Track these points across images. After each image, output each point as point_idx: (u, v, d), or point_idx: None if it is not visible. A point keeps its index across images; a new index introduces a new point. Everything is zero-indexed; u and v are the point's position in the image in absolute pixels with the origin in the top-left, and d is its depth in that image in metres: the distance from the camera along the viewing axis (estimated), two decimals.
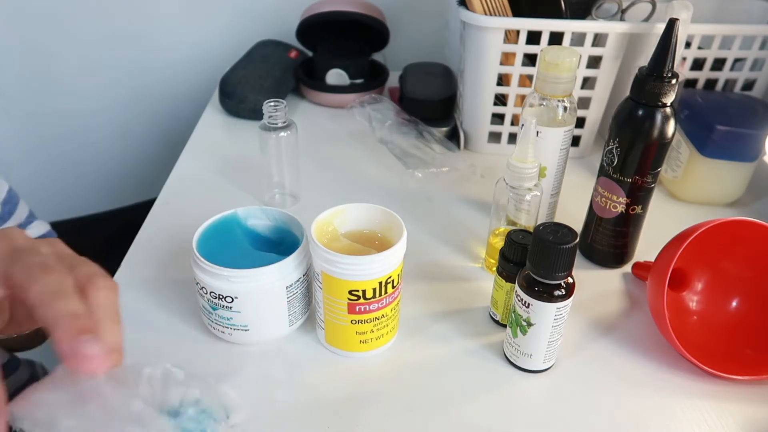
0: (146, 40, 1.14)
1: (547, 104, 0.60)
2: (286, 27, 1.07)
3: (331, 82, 0.97)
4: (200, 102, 1.10)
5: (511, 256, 0.52)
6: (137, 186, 1.28)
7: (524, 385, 0.50)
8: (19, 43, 1.12)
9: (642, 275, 0.61)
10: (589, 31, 0.74)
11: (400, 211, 0.52)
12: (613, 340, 0.55)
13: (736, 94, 0.81)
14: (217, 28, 1.14)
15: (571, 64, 0.58)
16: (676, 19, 0.51)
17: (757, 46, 0.78)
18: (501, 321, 0.55)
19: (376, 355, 0.52)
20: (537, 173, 0.56)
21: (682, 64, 0.79)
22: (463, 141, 0.86)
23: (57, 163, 1.25)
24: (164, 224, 0.69)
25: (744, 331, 0.54)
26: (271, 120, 0.67)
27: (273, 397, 0.48)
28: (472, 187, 0.77)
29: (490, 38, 0.75)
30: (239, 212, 0.55)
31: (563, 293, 0.46)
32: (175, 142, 1.09)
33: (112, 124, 1.23)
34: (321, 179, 0.78)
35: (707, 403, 0.49)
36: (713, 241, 0.52)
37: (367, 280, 0.47)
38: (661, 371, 0.52)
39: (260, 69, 0.95)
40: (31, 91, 1.17)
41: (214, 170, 0.80)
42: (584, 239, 0.64)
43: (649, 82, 0.53)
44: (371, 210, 0.52)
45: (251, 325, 0.51)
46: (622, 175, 0.57)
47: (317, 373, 0.51)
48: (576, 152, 0.85)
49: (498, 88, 0.80)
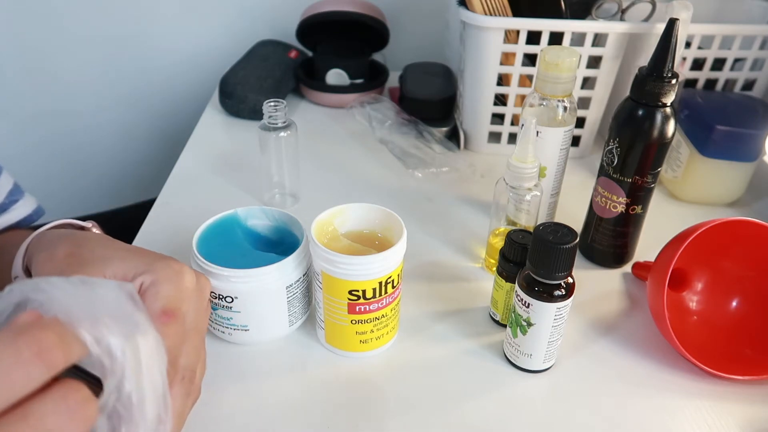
0: (146, 40, 1.14)
1: (547, 104, 0.60)
2: (286, 27, 1.08)
3: (331, 82, 0.97)
4: (200, 102, 1.10)
5: (511, 256, 0.52)
6: (137, 186, 1.28)
7: (524, 385, 0.50)
8: (18, 43, 1.12)
9: (642, 275, 0.61)
10: (589, 31, 0.74)
11: (400, 211, 0.52)
12: (613, 340, 0.55)
13: (736, 94, 0.81)
14: (217, 28, 1.14)
15: (571, 64, 0.58)
16: (676, 19, 0.51)
17: (757, 46, 0.78)
18: (501, 321, 0.55)
19: (376, 355, 0.52)
20: (537, 173, 0.56)
21: (682, 64, 0.79)
22: (463, 141, 0.86)
23: (56, 162, 1.25)
24: (164, 224, 0.69)
25: (744, 331, 0.54)
26: (271, 120, 0.67)
27: (273, 398, 0.48)
28: (472, 187, 0.77)
29: (490, 38, 0.75)
30: (239, 212, 0.55)
31: (563, 293, 0.46)
32: (175, 142, 1.09)
33: (112, 123, 1.23)
34: (321, 179, 0.78)
35: (707, 403, 0.49)
36: (713, 241, 0.52)
37: (367, 280, 0.47)
38: (661, 371, 0.52)
39: (260, 69, 0.95)
40: (31, 91, 1.17)
41: (214, 170, 0.80)
42: (584, 239, 0.64)
43: (649, 82, 0.53)
44: (371, 210, 0.52)
45: (251, 325, 0.51)
46: (622, 175, 0.57)
47: (317, 373, 0.51)
48: (576, 152, 0.85)
49: (498, 88, 0.80)
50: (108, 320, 0.29)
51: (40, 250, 0.41)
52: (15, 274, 0.43)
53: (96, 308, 0.30)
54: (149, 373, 0.30)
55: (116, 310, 0.31)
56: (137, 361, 0.30)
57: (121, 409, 0.29)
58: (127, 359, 0.29)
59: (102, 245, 0.41)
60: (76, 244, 0.40)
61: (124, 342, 0.29)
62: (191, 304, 0.38)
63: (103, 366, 0.29)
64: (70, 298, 0.30)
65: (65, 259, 0.39)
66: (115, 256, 0.39)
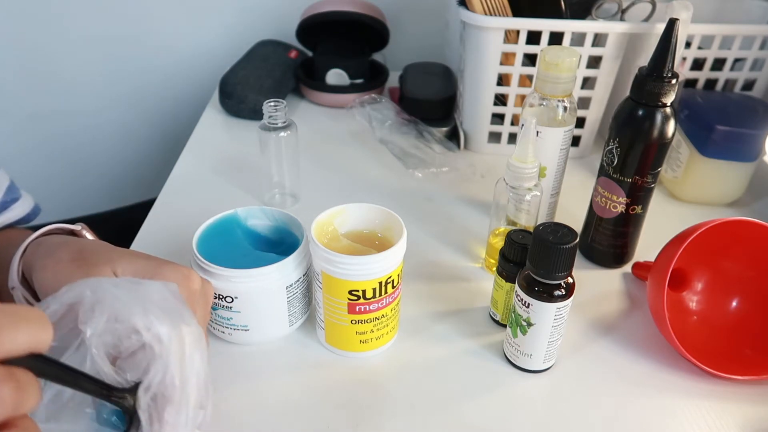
0: (146, 40, 1.14)
1: (547, 104, 0.60)
2: (286, 27, 1.08)
3: (331, 82, 0.97)
4: (200, 102, 1.10)
5: (511, 256, 0.52)
6: (137, 186, 1.28)
7: (524, 385, 0.50)
8: (18, 43, 1.12)
9: (642, 275, 0.61)
10: (589, 31, 0.74)
11: (400, 211, 0.52)
12: (613, 340, 0.55)
13: (736, 94, 0.81)
14: (217, 28, 1.14)
15: (571, 64, 0.58)
16: (676, 19, 0.51)
17: (757, 46, 0.78)
18: (501, 321, 0.55)
19: (376, 355, 0.52)
20: (537, 173, 0.56)
21: (682, 64, 0.79)
22: (463, 141, 0.86)
23: (56, 162, 1.25)
24: (164, 224, 0.69)
25: (744, 331, 0.54)
26: (271, 120, 0.67)
27: (273, 397, 0.48)
28: (472, 187, 0.77)
29: (490, 38, 0.75)
30: (239, 212, 0.55)
31: (563, 293, 0.46)
32: (175, 142, 1.09)
33: (112, 124, 1.23)
34: (321, 179, 0.78)
35: (707, 403, 0.49)
36: (713, 241, 0.52)
37: (367, 280, 0.47)
38: (661, 371, 0.52)
39: (260, 69, 0.95)
40: (31, 91, 1.17)
41: (214, 170, 0.80)
42: (584, 239, 0.64)
43: (649, 82, 0.53)
44: (371, 210, 0.52)
45: (251, 325, 0.51)
46: (622, 175, 0.57)
47: (317, 373, 0.51)
48: (576, 152, 0.85)
49: (498, 88, 0.80)
50: (157, 311, 0.32)
51: (40, 258, 0.41)
52: (12, 285, 0.43)
53: (145, 302, 0.32)
54: (192, 360, 0.33)
55: (163, 303, 0.33)
56: (182, 348, 0.32)
57: (165, 392, 0.32)
58: (173, 345, 0.32)
59: (102, 248, 0.41)
60: (77, 249, 0.41)
61: (171, 330, 0.32)
62: (198, 307, 0.39)
63: (153, 351, 0.32)
64: (123, 295, 0.32)
65: (73, 263, 0.39)
66: (120, 258, 0.39)
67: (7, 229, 0.57)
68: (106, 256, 0.39)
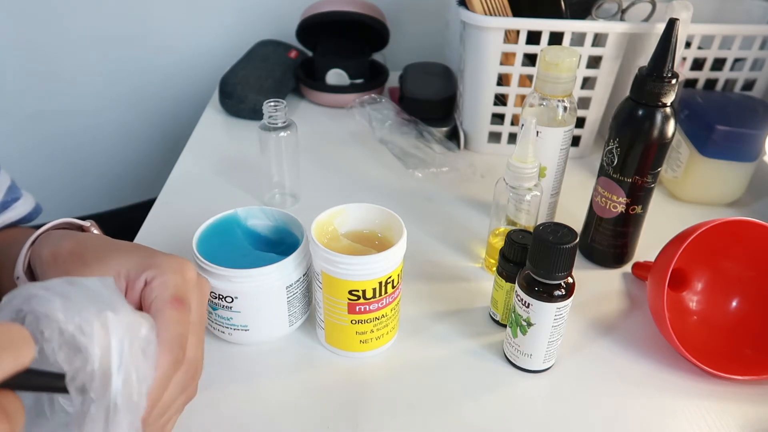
0: (146, 40, 1.14)
1: (547, 104, 0.60)
2: (286, 27, 1.08)
3: (331, 82, 0.97)
4: (200, 102, 1.10)
5: (511, 256, 0.52)
6: (137, 186, 1.28)
7: (524, 385, 0.50)
8: (18, 43, 1.12)
9: (642, 275, 0.61)
10: (589, 31, 0.74)
11: (400, 211, 0.52)
12: (613, 340, 0.55)
13: (736, 94, 0.81)
14: (217, 28, 1.14)
15: (570, 64, 0.58)
16: (676, 19, 0.51)
17: (757, 46, 0.78)
18: (501, 321, 0.55)
19: (376, 355, 0.52)
20: (537, 173, 0.56)
21: (682, 64, 0.79)
22: (463, 141, 0.86)
23: (56, 162, 1.25)
24: (164, 224, 0.69)
25: (744, 331, 0.54)
26: (271, 120, 0.67)
27: (273, 397, 0.48)
28: (472, 187, 0.77)
29: (490, 38, 0.75)
30: (239, 212, 0.55)
31: (563, 293, 0.46)
32: (175, 142, 1.09)
33: (112, 124, 1.23)
34: (321, 179, 0.78)
35: (707, 403, 0.49)
36: (713, 241, 0.52)
37: (367, 280, 0.47)
38: (661, 371, 0.52)
39: (260, 69, 0.95)
40: (31, 91, 1.17)
41: (214, 170, 0.80)
42: (584, 239, 0.64)
43: (649, 82, 0.53)
44: (371, 210, 0.52)
45: (251, 325, 0.51)
46: (622, 175, 0.57)
47: (317, 373, 0.51)
48: (576, 152, 0.85)
49: (498, 88, 0.80)
50: (81, 302, 0.31)
51: (44, 248, 0.42)
52: (17, 275, 0.44)
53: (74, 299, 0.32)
54: (120, 348, 0.31)
55: (92, 296, 0.32)
56: (106, 334, 0.31)
57: (89, 382, 0.31)
58: (95, 331, 0.31)
59: (103, 244, 0.42)
60: (79, 243, 0.41)
61: (94, 317, 0.31)
62: (194, 297, 0.39)
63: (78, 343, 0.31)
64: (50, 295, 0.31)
65: (69, 257, 0.40)
66: (117, 253, 0.40)
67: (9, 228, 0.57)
68: (104, 252, 0.40)
